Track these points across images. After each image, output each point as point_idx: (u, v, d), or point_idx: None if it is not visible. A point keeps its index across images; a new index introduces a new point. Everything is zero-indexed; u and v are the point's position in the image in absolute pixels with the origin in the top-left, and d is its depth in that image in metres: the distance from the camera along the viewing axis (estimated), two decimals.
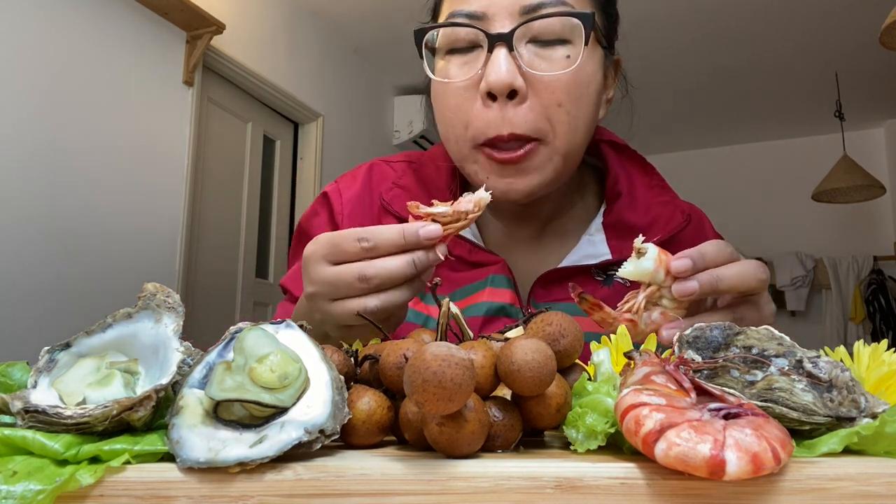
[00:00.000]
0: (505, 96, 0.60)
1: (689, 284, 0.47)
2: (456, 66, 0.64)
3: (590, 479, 0.29)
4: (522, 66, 0.60)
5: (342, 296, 0.49)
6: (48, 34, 2.12)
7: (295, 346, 0.37)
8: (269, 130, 3.31)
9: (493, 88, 0.60)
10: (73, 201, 2.17)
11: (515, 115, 0.60)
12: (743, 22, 3.50)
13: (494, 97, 0.61)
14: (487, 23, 0.62)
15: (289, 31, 3.29)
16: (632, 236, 0.75)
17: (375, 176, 0.79)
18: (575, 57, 0.61)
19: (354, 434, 0.36)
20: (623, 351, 0.43)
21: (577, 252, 0.74)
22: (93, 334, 0.39)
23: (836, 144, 4.41)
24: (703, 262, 0.48)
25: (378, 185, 0.78)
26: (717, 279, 0.47)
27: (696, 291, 0.47)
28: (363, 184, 0.78)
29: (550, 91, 0.61)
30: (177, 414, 0.33)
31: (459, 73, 0.63)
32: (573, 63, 0.61)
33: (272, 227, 3.32)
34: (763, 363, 0.36)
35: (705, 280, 0.47)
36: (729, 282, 0.48)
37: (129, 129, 2.39)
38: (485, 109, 0.62)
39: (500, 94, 0.60)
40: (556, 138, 0.62)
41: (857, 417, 0.33)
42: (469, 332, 0.42)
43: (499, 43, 0.60)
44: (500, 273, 0.71)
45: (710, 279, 0.47)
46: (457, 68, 0.64)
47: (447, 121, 0.65)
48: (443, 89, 0.65)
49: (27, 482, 0.29)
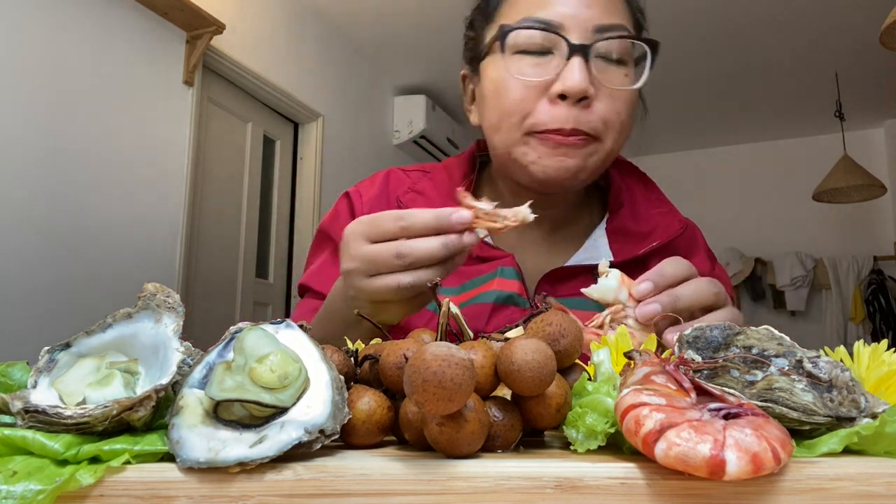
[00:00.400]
0: (576, 99, 0.68)
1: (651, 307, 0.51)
2: (528, 65, 0.70)
3: (590, 479, 0.29)
4: (593, 76, 0.68)
5: (378, 272, 0.52)
6: (48, 34, 2.12)
7: (295, 346, 0.37)
8: (269, 130, 3.31)
9: (568, 91, 0.67)
10: (72, 201, 2.17)
11: (580, 115, 0.68)
12: (743, 22, 3.50)
13: (564, 97, 0.68)
14: (563, 32, 0.69)
15: (289, 31, 3.29)
16: (633, 241, 0.79)
17: (392, 181, 0.86)
18: (631, 76, 0.72)
19: (354, 434, 0.36)
20: (623, 351, 0.43)
21: (582, 253, 0.81)
22: (93, 334, 0.39)
23: (837, 144, 4.41)
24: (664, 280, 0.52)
25: (395, 189, 0.84)
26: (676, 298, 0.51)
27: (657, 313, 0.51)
28: (381, 187, 0.85)
29: (612, 101, 0.70)
30: (177, 414, 0.33)
31: (531, 72, 0.70)
32: (633, 81, 0.72)
33: (272, 227, 3.32)
34: (763, 363, 0.36)
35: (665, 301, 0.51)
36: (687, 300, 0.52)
37: (130, 129, 2.39)
38: (551, 106, 0.69)
39: (574, 97, 0.68)
40: (608, 140, 0.71)
41: (857, 417, 0.33)
42: (469, 332, 0.42)
43: (577, 53, 0.68)
44: (510, 265, 0.77)
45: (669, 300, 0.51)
46: (529, 67, 0.70)
47: (505, 110, 0.71)
48: (507, 84, 0.71)
49: (27, 482, 0.29)
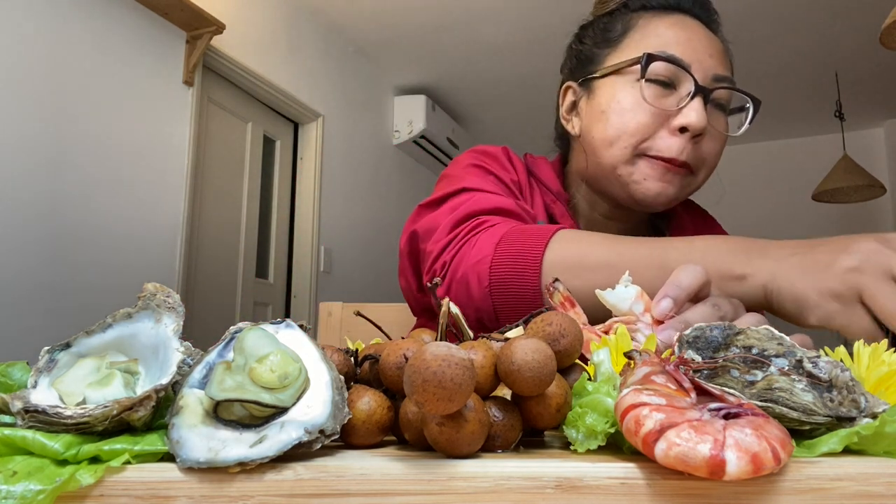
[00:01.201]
0: (693, 135, 0.76)
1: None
2: (653, 94, 0.77)
3: (590, 479, 0.29)
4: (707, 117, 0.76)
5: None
6: (48, 34, 2.12)
7: (295, 346, 0.37)
8: (269, 130, 3.31)
9: (691, 127, 0.75)
10: (72, 201, 2.17)
11: (692, 150, 0.77)
12: (743, 22, 3.50)
13: (685, 131, 0.76)
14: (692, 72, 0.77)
15: (289, 31, 3.29)
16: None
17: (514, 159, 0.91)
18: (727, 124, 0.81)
19: (354, 434, 0.36)
20: (623, 351, 0.43)
21: None
22: (93, 334, 0.39)
23: (836, 144, 4.41)
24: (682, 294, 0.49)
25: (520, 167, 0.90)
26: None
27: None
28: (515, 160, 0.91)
29: (713, 142, 0.79)
30: (177, 414, 0.33)
31: (655, 101, 0.77)
32: (734, 130, 0.82)
33: (272, 227, 3.32)
34: (763, 363, 0.36)
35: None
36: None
37: (129, 129, 2.39)
38: (670, 136, 0.76)
39: (693, 132, 0.75)
40: (700, 175, 0.81)
41: (857, 417, 0.33)
42: (469, 332, 0.42)
43: (701, 94, 0.75)
44: None
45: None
46: (653, 97, 0.77)
47: (627, 129, 0.78)
48: (636, 106, 0.77)
49: (27, 482, 0.29)
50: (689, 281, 0.49)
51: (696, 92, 0.75)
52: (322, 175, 3.49)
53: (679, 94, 0.77)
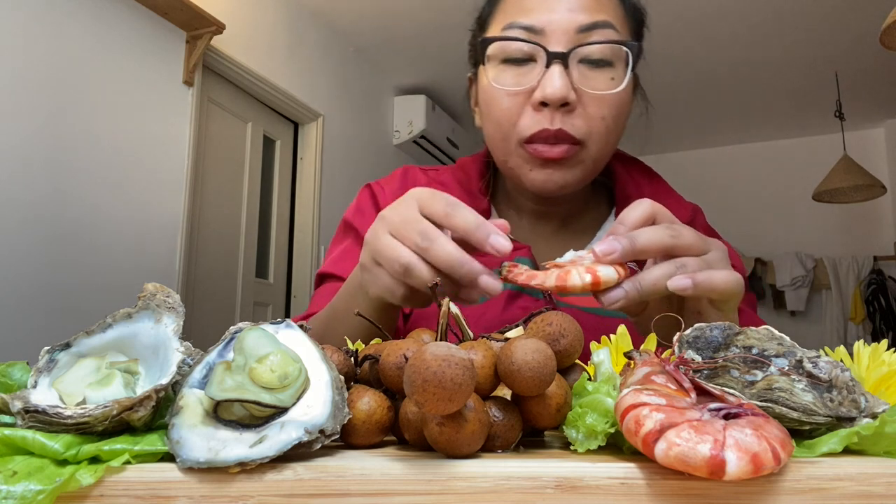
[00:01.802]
0: (557, 106, 0.68)
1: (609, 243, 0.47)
2: (511, 75, 0.71)
3: (590, 479, 0.29)
4: (574, 82, 0.68)
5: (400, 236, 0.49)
6: (48, 34, 2.12)
7: (295, 346, 0.37)
8: (269, 130, 3.31)
9: (548, 99, 0.68)
10: (72, 201, 2.17)
11: (564, 120, 0.69)
12: (743, 22, 3.50)
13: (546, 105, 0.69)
14: (545, 38, 0.69)
15: (289, 31, 3.29)
16: None
17: (410, 177, 0.87)
18: (618, 80, 0.70)
19: (354, 434, 0.36)
20: (623, 351, 0.43)
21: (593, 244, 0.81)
22: (93, 334, 0.39)
23: (837, 144, 4.41)
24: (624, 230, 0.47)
25: (413, 184, 0.86)
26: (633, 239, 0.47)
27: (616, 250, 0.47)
28: (400, 182, 0.86)
29: (596, 105, 0.70)
30: (177, 414, 0.33)
31: (514, 81, 0.71)
32: (617, 85, 0.70)
33: (272, 227, 3.32)
34: (763, 363, 0.36)
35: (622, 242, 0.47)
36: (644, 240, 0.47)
37: (129, 129, 2.39)
38: (535, 112, 0.70)
39: (554, 104, 0.68)
40: (593, 145, 0.71)
41: (857, 417, 0.33)
42: (469, 332, 0.42)
43: (555, 60, 0.68)
44: (525, 256, 0.77)
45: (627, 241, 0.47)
46: (512, 77, 0.71)
47: (497, 120, 0.73)
48: (495, 94, 0.72)
49: (27, 482, 0.29)
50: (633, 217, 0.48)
51: (550, 59, 0.68)
52: (322, 175, 3.49)
53: (538, 67, 0.70)
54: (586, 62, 0.70)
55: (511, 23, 0.71)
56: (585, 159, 0.72)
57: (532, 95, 0.69)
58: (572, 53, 0.68)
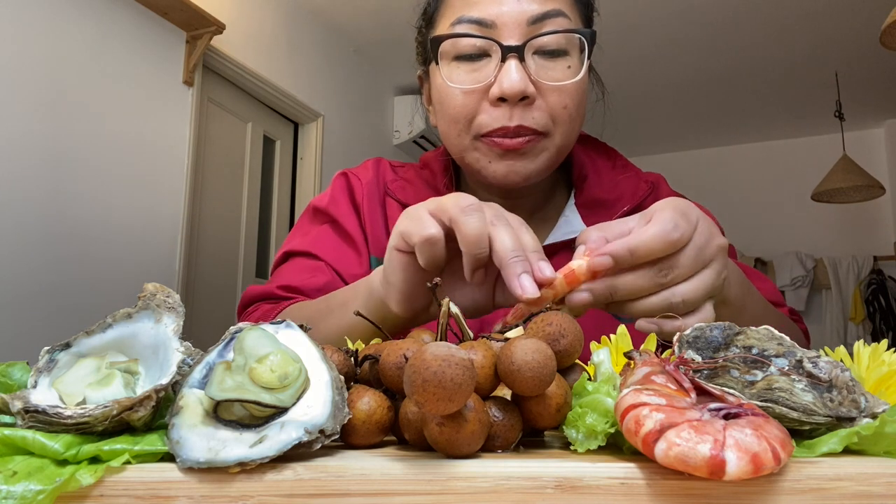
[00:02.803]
0: (516, 101, 0.67)
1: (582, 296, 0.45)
2: (465, 71, 0.69)
3: (590, 479, 0.29)
4: (531, 74, 0.67)
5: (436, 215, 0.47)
6: (48, 34, 2.12)
7: (295, 346, 0.37)
8: (269, 130, 3.31)
9: (506, 94, 0.66)
10: (72, 201, 2.17)
11: (525, 114, 0.67)
12: (743, 22, 3.50)
13: (505, 100, 0.67)
14: (497, 31, 0.68)
15: (289, 31, 3.29)
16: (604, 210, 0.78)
17: (381, 169, 0.87)
18: (575, 68, 0.69)
19: (354, 434, 0.36)
20: (623, 351, 0.43)
21: (556, 231, 0.80)
22: (93, 334, 0.39)
23: (836, 144, 4.41)
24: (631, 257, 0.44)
25: (383, 176, 0.85)
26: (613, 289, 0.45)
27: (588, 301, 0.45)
28: (373, 172, 0.85)
29: (557, 95, 0.68)
30: (177, 414, 0.33)
31: (468, 78, 0.69)
32: (575, 73, 0.69)
33: (272, 227, 3.32)
34: (763, 363, 0.36)
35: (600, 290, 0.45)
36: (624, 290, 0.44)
37: (129, 130, 2.39)
38: (493, 108, 0.68)
39: (513, 99, 0.66)
40: (557, 134, 0.70)
41: (857, 417, 0.33)
42: (469, 332, 0.42)
43: (511, 55, 0.66)
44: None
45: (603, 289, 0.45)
46: (466, 74, 0.69)
47: (451, 117, 0.71)
48: (450, 92, 0.70)
49: (27, 482, 0.29)
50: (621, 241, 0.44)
51: (505, 54, 0.66)
52: (322, 175, 3.49)
53: (493, 61, 0.68)
54: (541, 53, 0.68)
55: (460, 17, 0.69)
56: (549, 147, 0.70)
57: (489, 91, 0.68)
58: (527, 45, 0.67)
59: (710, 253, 0.45)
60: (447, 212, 0.46)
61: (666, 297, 0.44)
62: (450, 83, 0.70)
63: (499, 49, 0.67)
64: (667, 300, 0.44)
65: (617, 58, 3.79)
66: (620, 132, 5.46)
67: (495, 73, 0.67)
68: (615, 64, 4.02)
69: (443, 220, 0.47)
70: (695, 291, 0.44)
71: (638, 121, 4.88)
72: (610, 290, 0.44)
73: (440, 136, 0.77)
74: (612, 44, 3.81)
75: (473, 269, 0.47)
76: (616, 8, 3.28)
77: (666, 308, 0.44)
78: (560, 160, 0.74)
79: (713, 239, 0.46)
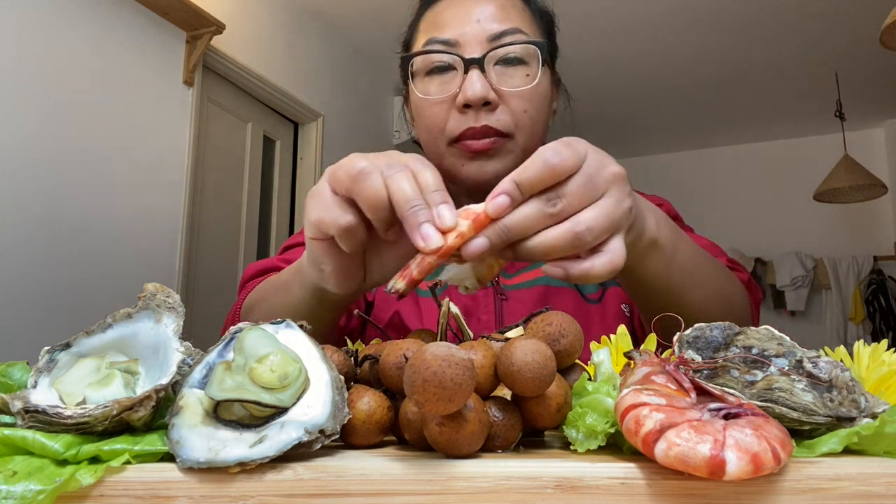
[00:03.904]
0: (480, 106, 0.75)
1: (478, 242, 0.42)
2: (435, 84, 0.78)
3: (590, 479, 0.29)
4: (493, 83, 0.75)
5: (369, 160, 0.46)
6: (48, 34, 2.12)
7: (295, 346, 0.37)
8: (269, 130, 3.31)
9: (469, 101, 0.74)
10: (72, 201, 2.17)
11: (489, 117, 0.75)
12: (743, 22, 3.50)
13: (469, 106, 0.75)
14: (461, 49, 0.77)
15: (289, 31, 3.29)
16: None
17: None
18: (533, 75, 0.77)
19: (354, 434, 0.36)
20: (623, 351, 0.43)
21: None
22: (93, 334, 0.39)
23: (837, 144, 4.41)
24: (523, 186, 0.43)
25: None
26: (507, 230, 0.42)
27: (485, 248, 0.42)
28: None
29: (517, 100, 0.76)
30: (177, 414, 0.33)
31: (439, 90, 0.77)
32: (532, 80, 0.77)
33: (272, 228, 3.32)
34: (763, 363, 0.36)
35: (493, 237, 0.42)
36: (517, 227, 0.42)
37: (129, 129, 2.39)
38: (460, 115, 0.76)
39: (476, 104, 0.74)
40: (520, 136, 0.77)
41: (857, 417, 0.33)
42: (469, 332, 0.42)
43: (473, 66, 0.75)
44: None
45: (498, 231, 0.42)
46: (436, 87, 0.78)
47: (426, 126, 0.80)
48: (423, 104, 0.79)
49: (27, 482, 0.29)
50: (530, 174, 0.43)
51: (467, 66, 0.75)
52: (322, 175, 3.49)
53: (459, 74, 0.76)
54: (502, 63, 0.77)
55: (429, 39, 0.79)
56: (514, 150, 0.77)
57: (455, 100, 0.76)
58: (487, 57, 0.75)
59: (603, 180, 0.44)
60: (343, 184, 0.46)
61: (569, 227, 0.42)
62: (422, 95, 0.78)
63: (462, 63, 0.76)
64: (570, 230, 0.42)
65: (617, 58, 3.79)
66: (621, 132, 5.48)
67: (460, 83, 0.76)
68: (615, 64, 4.02)
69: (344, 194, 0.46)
70: (596, 219, 0.42)
71: (638, 121, 4.88)
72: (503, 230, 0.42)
73: (422, 147, 0.85)
74: (612, 43, 3.81)
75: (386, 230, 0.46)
76: (616, 7, 3.28)
77: (572, 239, 0.41)
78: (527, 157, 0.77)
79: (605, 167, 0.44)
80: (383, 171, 0.44)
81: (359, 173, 0.44)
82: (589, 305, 0.80)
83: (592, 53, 3.71)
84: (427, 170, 0.45)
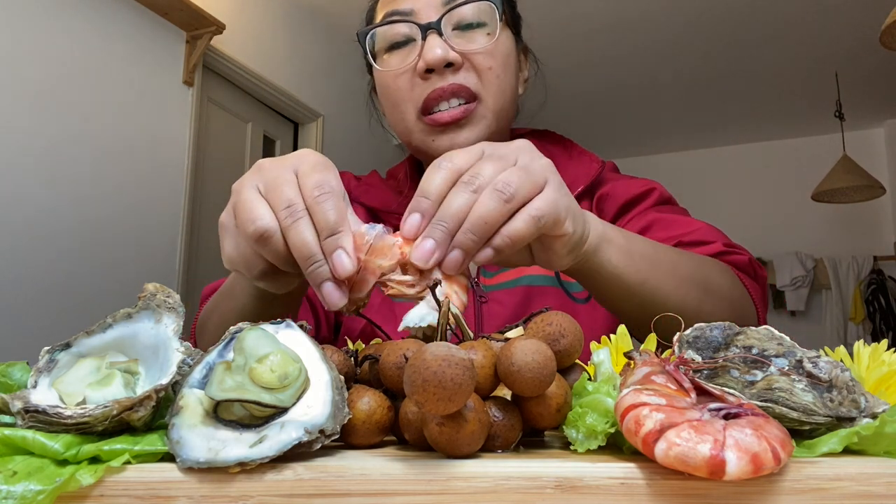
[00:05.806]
0: (443, 69, 0.73)
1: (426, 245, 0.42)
2: (397, 58, 0.77)
3: (590, 479, 0.29)
4: (455, 47, 0.74)
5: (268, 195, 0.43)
6: (48, 34, 2.12)
7: (295, 346, 0.37)
8: (269, 130, 3.31)
9: (430, 64, 0.72)
10: (72, 201, 2.17)
11: (455, 76, 0.74)
12: (743, 22, 3.50)
13: (433, 71, 0.73)
14: (417, 17, 0.75)
15: (289, 31, 3.29)
16: None
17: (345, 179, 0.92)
18: (493, 33, 0.76)
19: (354, 434, 0.36)
20: (623, 351, 0.43)
21: None
22: (93, 334, 0.39)
23: (836, 144, 4.41)
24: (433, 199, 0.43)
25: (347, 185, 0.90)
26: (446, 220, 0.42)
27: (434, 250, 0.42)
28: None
29: (481, 58, 0.75)
30: (177, 414, 0.33)
31: (398, 62, 0.76)
32: (493, 38, 0.75)
33: None
34: (763, 363, 0.36)
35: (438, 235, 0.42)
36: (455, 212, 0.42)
37: (129, 130, 2.39)
38: (424, 81, 0.74)
39: (437, 66, 0.73)
40: (489, 97, 0.75)
41: (857, 417, 0.33)
42: (469, 332, 0.42)
43: (430, 31, 0.73)
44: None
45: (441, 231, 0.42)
46: (398, 60, 0.77)
47: (394, 102, 0.78)
48: (387, 78, 0.78)
49: (27, 482, 0.29)
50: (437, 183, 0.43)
51: (424, 32, 0.74)
52: None
53: (418, 43, 0.75)
54: (461, 27, 0.76)
55: (387, 12, 0.78)
56: (486, 114, 0.75)
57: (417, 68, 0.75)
58: (443, 20, 0.74)
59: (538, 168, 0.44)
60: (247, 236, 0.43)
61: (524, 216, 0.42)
62: (386, 68, 0.77)
63: (419, 29, 0.74)
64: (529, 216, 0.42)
65: (616, 57, 3.79)
66: (620, 132, 5.48)
67: (419, 50, 0.74)
68: (615, 63, 4.02)
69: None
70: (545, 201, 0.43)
71: (638, 121, 4.88)
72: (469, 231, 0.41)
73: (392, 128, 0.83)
74: (612, 42, 3.81)
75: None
76: (617, 6, 3.28)
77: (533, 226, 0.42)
78: (501, 128, 0.78)
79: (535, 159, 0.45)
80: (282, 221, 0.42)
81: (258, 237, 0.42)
82: (576, 305, 0.78)
83: (592, 53, 3.71)
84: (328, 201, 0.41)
